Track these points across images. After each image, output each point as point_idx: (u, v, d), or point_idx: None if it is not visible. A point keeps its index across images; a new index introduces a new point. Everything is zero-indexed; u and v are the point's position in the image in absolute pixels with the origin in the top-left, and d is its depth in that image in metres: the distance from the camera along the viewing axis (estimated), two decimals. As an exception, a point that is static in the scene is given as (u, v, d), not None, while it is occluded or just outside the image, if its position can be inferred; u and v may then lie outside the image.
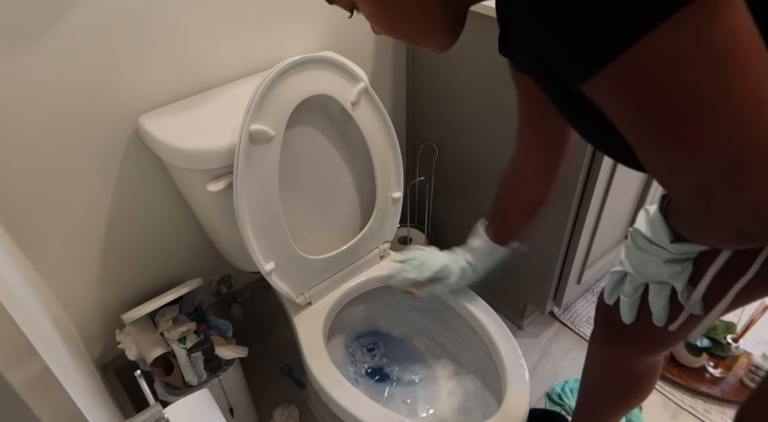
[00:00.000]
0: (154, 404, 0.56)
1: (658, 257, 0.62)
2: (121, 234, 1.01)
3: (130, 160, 0.94)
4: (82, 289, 1.02)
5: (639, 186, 1.29)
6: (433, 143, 1.37)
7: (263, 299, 1.28)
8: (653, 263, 0.63)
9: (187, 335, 1.02)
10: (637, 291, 0.68)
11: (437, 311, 1.13)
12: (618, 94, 0.37)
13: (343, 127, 0.99)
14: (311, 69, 0.87)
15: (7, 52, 0.74)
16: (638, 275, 0.66)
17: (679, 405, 1.29)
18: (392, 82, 1.32)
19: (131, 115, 0.90)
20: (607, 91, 0.37)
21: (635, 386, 0.89)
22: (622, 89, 0.36)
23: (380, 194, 1.06)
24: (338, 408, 0.88)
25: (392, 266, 1.04)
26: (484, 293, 1.07)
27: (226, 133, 0.85)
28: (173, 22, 0.88)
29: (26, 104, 0.79)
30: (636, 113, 0.37)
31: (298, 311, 1.05)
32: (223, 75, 0.99)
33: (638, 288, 0.68)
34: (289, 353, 1.42)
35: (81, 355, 0.92)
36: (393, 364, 1.18)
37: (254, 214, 0.88)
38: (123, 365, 1.12)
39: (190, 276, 1.14)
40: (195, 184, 0.90)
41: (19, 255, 0.86)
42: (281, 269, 0.97)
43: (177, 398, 0.86)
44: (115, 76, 0.86)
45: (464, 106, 1.23)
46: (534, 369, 1.39)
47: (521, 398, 0.88)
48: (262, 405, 1.31)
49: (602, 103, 0.39)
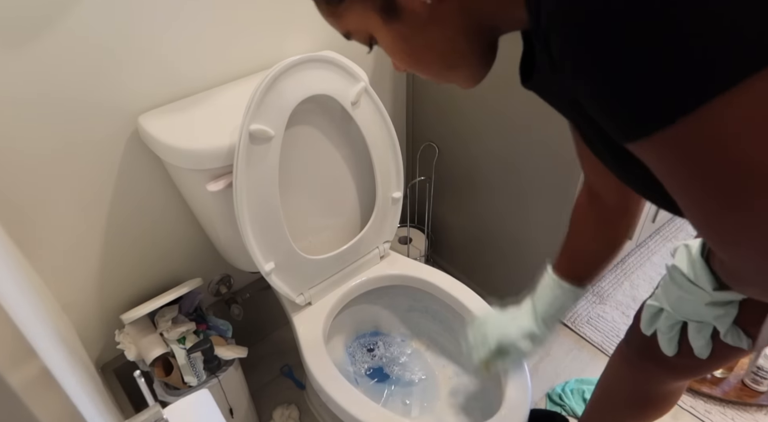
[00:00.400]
0: (153, 404, 0.56)
1: (698, 298, 0.59)
2: (120, 234, 1.01)
3: (130, 160, 0.94)
4: (82, 289, 1.02)
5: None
6: (433, 143, 1.37)
7: (263, 299, 1.28)
8: (692, 303, 0.60)
9: (186, 335, 1.02)
10: (674, 329, 0.66)
11: (437, 312, 1.13)
12: (671, 159, 0.34)
13: (343, 127, 0.99)
14: (311, 69, 0.86)
15: (5, 52, 0.74)
16: (676, 313, 0.64)
17: (680, 406, 1.29)
18: (392, 82, 1.32)
19: (131, 115, 0.90)
20: (660, 154, 0.35)
21: (657, 404, 0.86)
22: (675, 154, 0.34)
23: (380, 194, 1.06)
24: (338, 409, 0.88)
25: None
26: (484, 293, 1.07)
27: (226, 132, 0.85)
28: (173, 22, 0.87)
29: (25, 105, 0.79)
30: (690, 179, 0.35)
31: (298, 311, 1.04)
32: (223, 75, 0.99)
33: (675, 325, 0.65)
34: (289, 353, 1.42)
35: (81, 355, 0.92)
36: (393, 364, 1.18)
37: (254, 214, 0.88)
38: (122, 365, 1.12)
39: (190, 276, 1.14)
40: (195, 184, 0.89)
41: (19, 256, 0.86)
42: (281, 269, 0.97)
43: (176, 398, 0.86)
44: (115, 76, 0.85)
45: (464, 106, 1.23)
46: (534, 369, 1.39)
47: (521, 398, 0.88)
48: (262, 406, 1.31)
49: (651, 163, 0.37)
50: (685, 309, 0.62)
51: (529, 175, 1.17)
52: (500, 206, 1.29)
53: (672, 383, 0.80)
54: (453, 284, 1.08)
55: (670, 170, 0.36)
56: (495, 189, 1.28)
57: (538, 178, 1.15)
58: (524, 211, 1.23)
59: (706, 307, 0.59)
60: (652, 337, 0.70)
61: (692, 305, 0.60)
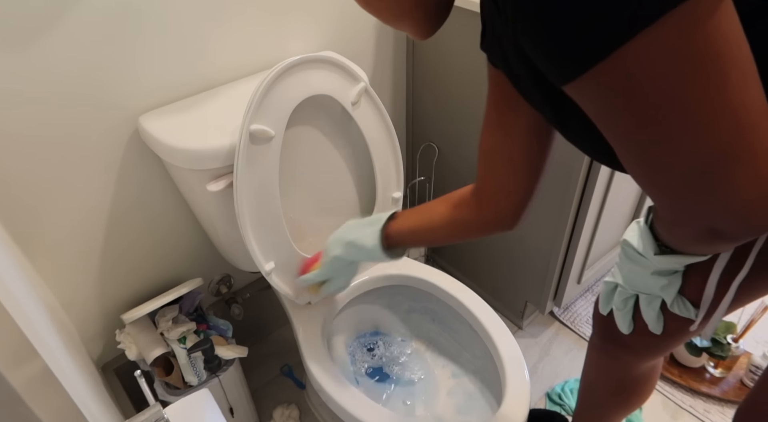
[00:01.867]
0: (154, 404, 0.56)
1: (645, 269, 0.61)
2: (121, 234, 1.01)
3: (130, 160, 0.94)
4: (82, 289, 1.02)
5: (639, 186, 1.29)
6: (433, 143, 1.37)
7: (263, 299, 1.28)
8: (641, 275, 0.62)
9: (187, 335, 1.02)
10: (628, 303, 0.68)
11: (437, 311, 1.13)
12: (602, 95, 0.37)
13: (343, 127, 0.99)
14: (311, 69, 0.87)
15: (6, 52, 0.74)
16: (627, 286, 0.66)
17: (679, 405, 1.29)
18: (392, 82, 1.32)
19: (131, 115, 0.90)
20: (592, 92, 0.38)
21: (635, 389, 0.89)
22: (606, 90, 0.36)
23: (380, 194, 1.06)
24: (338, 408, 0.88)
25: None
26: (484, 293, 1.07)
27: (226, 132, 0.85)
28: (173, 22, 0.88)
29: (25, 104, 0.79)
30: (618, 114, 0.37)
31: (298, 311, 1.05)
32: (223, 75, 0.99)
33: (628, 300, 0.67)
34: (289, 353, 1.43)
35: (81, 355, 0.92)
36: (393, 364, 1.18)
37: (254, 214, 0.88)
38: (123, 365, 1.12)
39: (190, 276, 1.14)
40: (195, 184, 0.90)
41: (19, 255, 0.86)
42: (281, 269, 0.97)
43: (177, 398, 0.86)
44: (115, 76, 0.86)
45: (464, 106, 1.23)
46: (534, 369, 1.39)
47: (521, 398, 0.88)
48: (262, 405, 1.31)
49: (585, 104, 0.40)
50: (635, 281, 0.64)
51: (528, 175, 1.17)
52: (500, 206, 1.29)
53: (638, 364, 0.82)
54: (453, 284, 1.08)
55: (601, 109, 0.39)
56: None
57: (537, 178, 1.15)
58: (524, 210, 1.23)
59: (652, 277, 0.60)
60: (610, 318, 0.72)
61: (640, 277, 0.62)
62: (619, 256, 0.67)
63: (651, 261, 0.59)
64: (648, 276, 0.61)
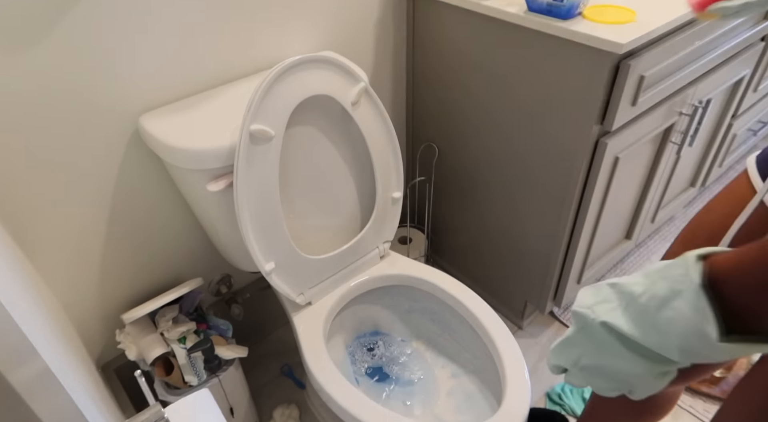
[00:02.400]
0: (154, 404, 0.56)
1: (651, 362, 0.41)
2: (121, 234, 1.01)
3: (131, 160, 0.95)
4: (82, 289, 1.02)
5: (639, 186, 1.29)
6: (433, 143, 1.37)
7: (263, 299, 1.28)
8: (630, 365, 0.43)
9: (187, 335, 1.02)
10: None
11: (437, 311, 1.13)
12: None
13: (343, 127, 0.99)
14: (311, 69, 0.87)
15: (5, 52, 0.74)
16: (591, 375, 0.48)
17: (679, 405, 1.29)
18: (392, 82, 1.32)
19: (131, 115, 0.90)
20: None
21: (654, 410, 0.86)
22: None
23: (380, 194, 1.06)
24: (338, 408, 0.88)
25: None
26: (484, 293, 1.07)
27: (226, 133, 0.85)
28: (173, 22, 0.88)
29: (26, 105, 0.79)
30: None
31: (298, 311, 1.05)
32: (223, 75, 0.99)
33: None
34: (289, 353, 1.43)
35: (81, 355, 0.92)
36: (393, 364, 1.18)
37: (254, 214, 0.88)
38: (123, 365, 1.12)
39: (190, 276, 1.14)
40: (195, 184, 0.90)
41: (20, 255, 0.86)
42: (281, 269, 0.97)
43: (177, 398, 0.86)
44: (115, 76, 0.86)
45: (464, 106, 1.23)
46: (534, 369, 1.39)
47: (521, 398, 0.88)
48: (262, 405, 1.31)
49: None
50: (612, 371, 0.44)
51: (529, 175, 1.17)
52: (500, 206, 1.29)
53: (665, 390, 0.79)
54: (453, 284, 1.08)
55: None
56: (495, 189, 1.28)
57: (538, 178, 1.15)
58: (524, 211, 1.23)
59: (644, 365, 0.41)
60: None
61: (627, 366, 0.42)
62: (581, 343, 0.45)
63: (694, 350, 0.37)
64: (639, 365, 0.41)
